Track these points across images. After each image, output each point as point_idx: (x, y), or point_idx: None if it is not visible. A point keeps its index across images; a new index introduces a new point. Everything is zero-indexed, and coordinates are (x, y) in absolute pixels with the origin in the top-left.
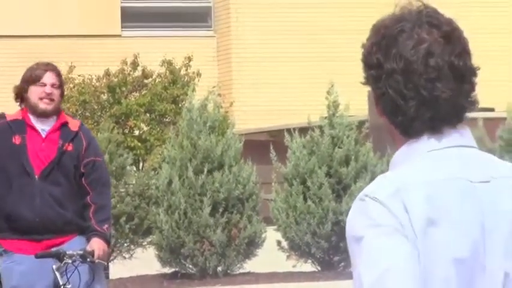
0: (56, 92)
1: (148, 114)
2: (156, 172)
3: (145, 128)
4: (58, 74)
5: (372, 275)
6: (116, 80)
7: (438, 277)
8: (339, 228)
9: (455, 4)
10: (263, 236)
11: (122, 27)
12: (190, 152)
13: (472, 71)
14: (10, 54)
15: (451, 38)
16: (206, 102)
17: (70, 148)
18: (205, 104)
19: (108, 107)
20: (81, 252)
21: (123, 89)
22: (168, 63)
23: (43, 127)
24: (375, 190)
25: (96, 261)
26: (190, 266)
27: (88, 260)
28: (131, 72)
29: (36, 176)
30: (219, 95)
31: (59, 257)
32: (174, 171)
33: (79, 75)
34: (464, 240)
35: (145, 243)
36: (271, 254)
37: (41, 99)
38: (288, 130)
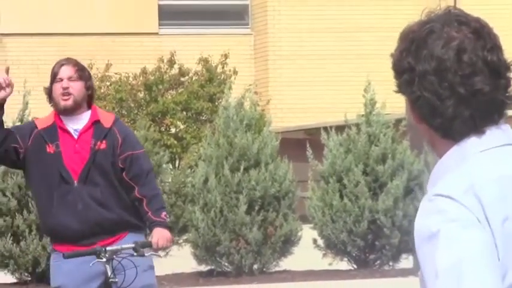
0: (75, 85)
1: (184, 112)
2: (192, 170)
3: (181, 126)
4: (75, 66)
5: (448, 263)
6: (152, 78)
7: None
8: (375, 226)
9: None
10: (299, 234)
11: (159, 25)
12: (227, 149)
13: (507, 66)
14: (47, 52)
15: (481, 33)
16: (242, 100)
17: (103, 146)
18: (242, 102)
19: (145, 105)
20: (129, 245)
21: (160, 87)
22: (205, 61)
23: (75, 127)
24: (446, 189)
25: (148, 254)
26: (226, 264)
27: (136, 254)
28: (168, 70)
29: (75, 181)
30: (256, 93)
31: (95, 254)
32: (210, 169)
33: (116, 73)
34: None
35: (181, 241)
36: (307, 252)
37: (60, 95)
38: (325, 128)
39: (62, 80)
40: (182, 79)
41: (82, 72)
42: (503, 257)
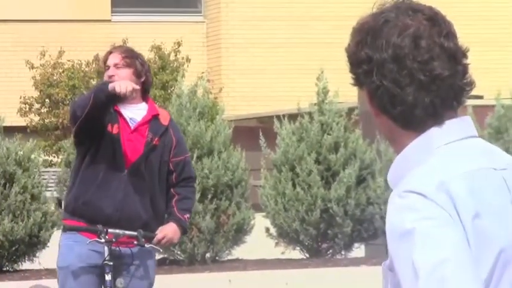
0: (121, 72)
1: None
2: None
3: None
4: (123, 53)
5: (429, 265)
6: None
7: (484, 267)
8: (328, 215)
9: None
10: (252, 222)
11: (111, 12)
12: None
13: (463, 52)
14: (1, 38)
15: (436, 20)
16: (196, 88)
17: (158, 143)
18: (195, 90)
19: None
20: (132, 233)
21: None
22: (157, 49)
23: (131, 116)
24: (417, 185)
25: (147, 246)
26: (179, 253)
27: (136, 243)
28: None
29: (126, 170)
30: (208, 80)
31: (96, 233)
32: None
33: (68, 60)
34: (504, 230)
35: None
36: (259, 241)
37: None
38: (278, 116)
39: (109, 67)
40: None
41: (131, 60)
42: (474, 253)
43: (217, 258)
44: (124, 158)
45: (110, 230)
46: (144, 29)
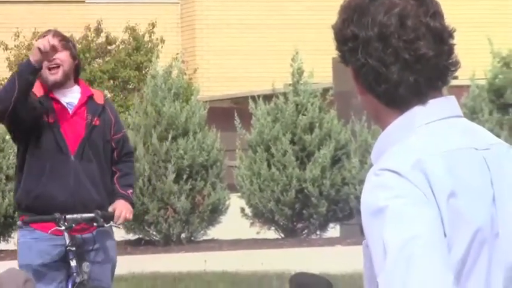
0: (61, 55)
1: (111, 81)
2: None
3: (108, 95)
4: (58, 36)
5: (398, 242)
6: (79, 46)
7: (459, 246)
8: (303, 195)
9: None
10: (227, 203)
11: None
12: (155, 118)
13: (449, 32)
14: None
15: (423, 0)
16: (170, 69)
17: (97, 122)
18: (170, 71)
19: None
20: (90, 215)
21: (87, 55)
22: (132, 30)
23: (67, 100)
24: (392, 163)
25: (107, 225)
26: (154, 233)
27: (96, 224)
28: (95, 39)
29: (72, 155)
30: (183, 61)
31: (54, 221)
32: (139, 137)
33: None
34: (481, 210)
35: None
36: (235, 221)
37: (47, 68)
38: (252, 97)
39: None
40: (109, 48)
41: (66, 42)
42: (449, 232)
43: (192, 238)
44: (67, 143)
45: (67, 216)
46: (118, 10)
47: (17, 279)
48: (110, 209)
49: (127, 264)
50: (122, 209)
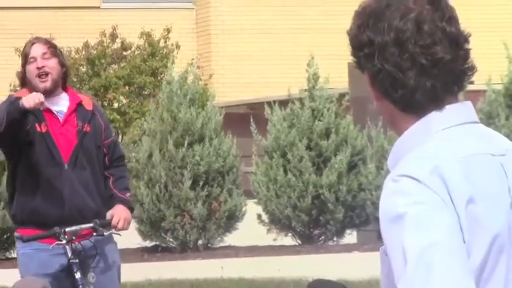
0: (50, 63)
1: (127, 87)
2: (136, 145)
3: (124, 101)
4: (47, 43)
5: (417, 248)
6: (94, 52)
7: (478, 252)
8: (319, 201)
9: None
10: (243, 209)
11: None
12: (171, 124)
13: (464, 37)
14: None
15: (439, 4)
16: (186, 74)
17: (88, 129)
18: (185, 77)
19: (87, 79)
20: (89, 225)
21: (102, 61)
22: (147, 36)
23: (57, 108)
24: (410, 170)
25: (107, 233)
26: (171, 240)
27: (96, 234)
28: (110, 45)
29: (65, 164)
30: (198, 67)
31: (54, 236)
32: (154, 144)
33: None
34: (499, 216)
35: None
36: (251, 228)
37: (37, 76)
38: (268, 103)
39: (35, 59)
40: (124, 53)
41: (54, 49)
42: (467, 238)
43: (209, 245)
44: (60, 152)
45: (67, 229)
46: (133, 16)
47: (34, 287)
48: (108, 215)
49: (144, 272)
50: (119, 216)
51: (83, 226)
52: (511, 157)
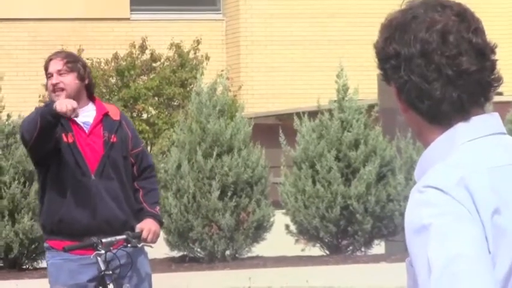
0: (65, 79)
1: (156, 98)
2: (165, 156)
3: (153, 112)
4: (65, 59)
5: (443, 259)
6: (124, 63)
7: (504, 263)
8: (348, 212)
9: None
10: (272, 219)
11: (130, 11)
12: (200, 135)
13: (491, 48)
14: (18, 37)
15: (465, 16)
16: (215, 85)
17: (115, 139)
18: (215, 88)
19: (117, 90)
20: (122, 237)
21: (132, 72)
22: (177, 47)
23: (83, 120)
24: (436, 181)
25: (140, 245)
26: (199, 250)
27: (130, 245)
28: (139, 56)
29: (92, 174)
30: (228, 78)
31: (92, 246)
32: (183, 154)
33: (87, 59)
34: None
35: None
36: (279, 238)
37: (52, 92)
38: (297, 114)
39: (51, 75)
40: (154, 64)
41: (72, 64)
42: (493, 249)
43: (237, 255)
44: (87, 163)
45: (103, 240)
46: (163, 27)
47: None
48: (138, 228)
49: (172, 282)
50: (149, 229)
51: (118, 237)
52: None
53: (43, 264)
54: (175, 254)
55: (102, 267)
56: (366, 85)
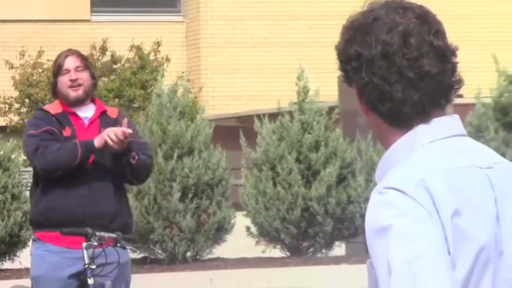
0: (83, 75)
1: (117, 100)
2: None
3: None
4: (80, 56)
5: (403, 260)
6: None
7: (464, 265)
8: (308, 214)
9: None
10: (232, 221)
11: (91, 12)
12: (160, 137)
13: (452, 51)
14: None
15: (426, 18)
16: (176, 87)
17: None
18: (175, 90)
19: None
20: (113, 235)
21: None
22: (137, 49)
23: (84, 115)
24: (396, 182)
25: (128, 247)
26: (160, 252)
27: (118, 245)
28: (100, 58)
29: (89, 167)
30: (188, 80)
31: (86, 236)
32: None
33: (48, 60)
34: (484, 228)
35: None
36: (240, 240)
37: (69, 87)
38: (258, 116)
39: (68, 71)
40: (114, 66)
41: (86, 62)
42: (453, 250)
43: (198, 257)
44: None
45: (97, 233)
46: (123, 29)
47: None
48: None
49: (132, 283)
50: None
51: (110, 235)
52: (499, 170)
53: (4, 265)
54: (136, 255)
55: (87, 260)
56: (326, 87)
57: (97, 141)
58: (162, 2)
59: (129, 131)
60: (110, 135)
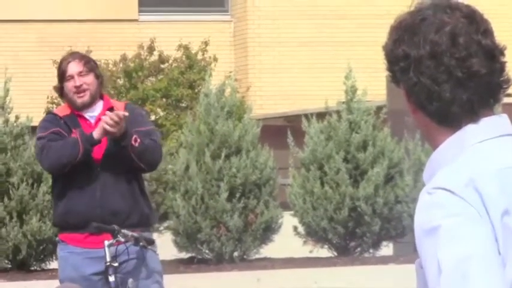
0: (87, 79)
1: (164, 100)
2: (173, 157)
3: (161, 113)
4: (82, 59)
5: (453, 260)
6: (132, 64)
7: None
8: (356, 213)
9: None
10: (280, 221)
11: (139, 12)
12: (208, 137)
13: (500, 50)
14: (26, 39)
15: (474, 17)
16: (223, 87)
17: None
18: (223, 89)
19: (125, 92)
20: (136, 235)
21: (140, 73)
22: (185, 48)
23: (91, 114)
24: (445, 182)
25: (149, 247)
26: (207, 251)
27: (140, 244)
28: (148, 57)
29: (98, 167)
30: (236, 79)
31: (113, 233)
32: (191, 156)
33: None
34: None
35: (161, 228)
36: (287, 240)
37: (75, 93)
38: (306, 115)
39: (72, 77)
40: (162, 66)
41: (90, 64)
42: (503, 250)
43: (245, 257)
44: (92, 155)
45: (122, 230)
46: (171, 29)
47: None
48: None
49: (179, 283)
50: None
51: (133, 234)
52: None
53: (51, 265)
54: (183, 255)
55: (108, 258)
56: (374, 86)
57: (96, 132)
58: (210, 1)
59: (124, 113)
60: (106, 120)
